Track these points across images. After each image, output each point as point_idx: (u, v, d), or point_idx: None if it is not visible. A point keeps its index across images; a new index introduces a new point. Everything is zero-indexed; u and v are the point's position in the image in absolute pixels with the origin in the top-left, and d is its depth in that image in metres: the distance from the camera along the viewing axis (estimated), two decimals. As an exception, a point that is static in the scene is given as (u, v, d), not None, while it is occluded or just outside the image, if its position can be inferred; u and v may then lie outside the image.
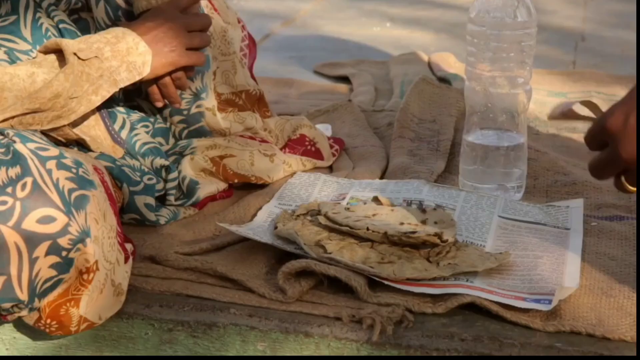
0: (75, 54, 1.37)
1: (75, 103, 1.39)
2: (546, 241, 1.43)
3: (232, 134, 1.66)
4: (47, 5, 1.48)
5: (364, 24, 2.78)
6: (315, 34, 2.67)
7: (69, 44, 1.39)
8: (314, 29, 2.71)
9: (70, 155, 1.22)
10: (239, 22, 1.76)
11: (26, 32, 1.44)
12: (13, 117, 1.35)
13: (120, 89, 1.43)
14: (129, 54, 1.42)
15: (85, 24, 1.53)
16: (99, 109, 1.49)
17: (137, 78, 1.44)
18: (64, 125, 1.42)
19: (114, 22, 1.52)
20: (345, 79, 2.29)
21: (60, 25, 1.48)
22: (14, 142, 1.19)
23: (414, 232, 1.36)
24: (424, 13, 2.88)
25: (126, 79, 1.42)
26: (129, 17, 1.53)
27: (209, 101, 1.62)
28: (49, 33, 1.46)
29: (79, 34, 1.49)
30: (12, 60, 1.43)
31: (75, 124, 1.45)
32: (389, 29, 2.73)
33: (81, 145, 1.50)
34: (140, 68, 1.43)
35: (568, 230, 1.47)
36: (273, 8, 2.85)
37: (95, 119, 1.49)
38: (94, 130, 1.48)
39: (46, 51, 1.40)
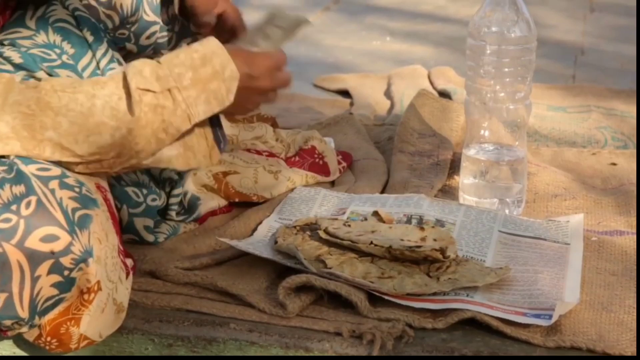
0: (144, 88, 1.22)
1: (145, 143, 1.25)
2: (546, 256, 1.43)
3: (239, 141, 1.66)
4: None
5: (364, 37, 2.79)
6: (315, 47, 2.67)
7: (139, 72, 1.23)
8: (314, 43, 2.71)
9: (73, 175, 1.22)
10: None
11: (30, 23, 1.36)
12: (77, 163, 1.23)
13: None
14: (212, 80, 1.27)
15: (95, 11, 1.44)
16: None
17: (217, 110, 1.28)
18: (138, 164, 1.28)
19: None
20: (345, 93, 2.29)
21: (76, 13, 1.39)
22: (16, 163, 1.19)
23: (418, 247, 1.36)
24: (424, 27, 2.88)
25: (202, 112, 1.27)
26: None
27: None
28: (59, 23, 1.37)
29: (92, 20, 1.40)
30: (18, 51, 1.31)
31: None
32: (389, 43, 2.74)
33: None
34: (223, 97, 1.28)
35: (568, 245, 1.47)
36: (273, 22, 2.87)
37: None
38: (190, 140, 1.31)
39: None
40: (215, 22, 1.51)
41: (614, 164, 1.82)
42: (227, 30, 1.52)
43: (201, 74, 1.26)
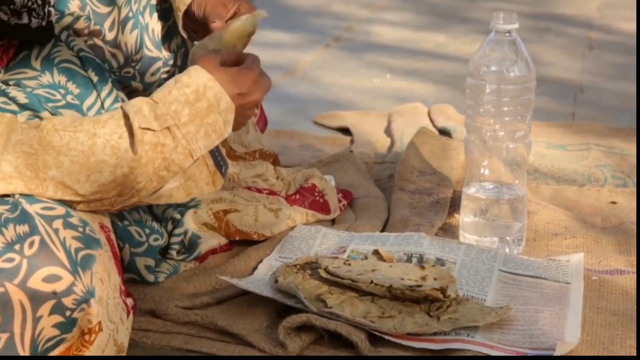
0: (145, 127, 1.23)
1: (146, 181, 1.26)
2: (547, 295, 1.43)
3: (240, 179, 1.66)
4: (66, 36, 1.43)
5: (364, 75, 2.80)
6: (315, 85, 2.69)
7: (139, 111, 1.23)
8: (314, 80, 2.72)
9: (77, 214, 1.22)
10: None
11: (36, 63, 1.39)
12: (79, 202, 1.23)
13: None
14: (209, 114, 1.27)
15: (100, 51, 1.47)
16: None
17: (217, 142, 1.29)
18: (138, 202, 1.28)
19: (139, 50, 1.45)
20: (346, 131, 2.30)
21: (81, 54, 1.42)
22: (21, 202, 1.19)
23: (419, 286, 1.36)
24: (424, 64, 2.90)
25: (203, 147, 1.27)
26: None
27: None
28: (64, 64, 1.39)
29: (97, 60, 1.42)
30: (25, 95, 1.32)
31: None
32: (389, 80, 2.75)
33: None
34: (221, 129, 1.28)
35: (569, 284, 1.47)
36: (274, 59, 2.87)
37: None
38: (190, 169, 1.30)
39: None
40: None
41: (614, 203, 1.82)
42: None
43: (197, 108, 1.26)
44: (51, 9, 1.38)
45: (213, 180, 1.32)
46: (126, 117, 1.24)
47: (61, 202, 1.23)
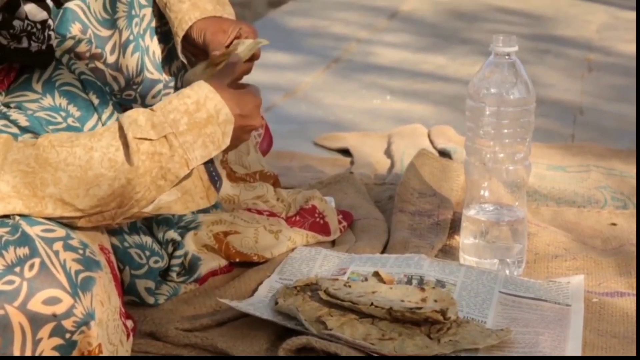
0: (141, 137, 1.22)
1: (145, 191, 1.25)
2: (547, 318, 1.43)
3: (240, 201, 1.66)
4: (67, 60, 1.44)
5: (364, 96, 2.81)
6: (316, 106, 2.69)
7: (134, 122, 1.23)
8: (315, 102, 2.73)
9: (77, 236, 1.22)
10: None
11: (37, 86, 1.40)
12: (80, 217, 1.23)
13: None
14: (208, 125, 1.26)
15: (102, 74, 1.48)
16: None
17: (214, 154, 1.28)
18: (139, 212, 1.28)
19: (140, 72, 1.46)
20: (346, 152, 2.30)
21: (82, 77, 1.43)
22: (21, 224, 1.20)
23: (419, 308, 1.35)
24: (424, 86, 2.91)
25: (200, 157, 1.26)
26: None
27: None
28: (65, 87, 1.40)
29: (98, 83, 1.43)
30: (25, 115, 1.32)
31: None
32: (389, 102, 2.76)
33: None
34: (219, 141, 1.27)
35: (569, 306, 1.46)
36: (274, 81, 2.88)
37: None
38: (186, 184, 1.29)
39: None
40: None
41: (614, 224, 1.82)
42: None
43: (196, 118, 1.25)
44: (51, 32, 1.38)
45: (207, 195, 1.31)
46: (121, 128, 1.24)
47: (61, 223, 1.23)
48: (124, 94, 1.46)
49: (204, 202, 1.31)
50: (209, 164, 1.31)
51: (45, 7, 1.38)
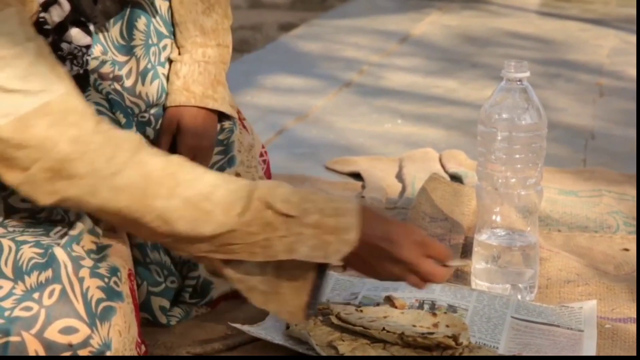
0: (267, 202, 1.18)
1: (239, 248, 1.20)
2: (560, 343, 1.42)
3: None
4: (93, 80, 1.44)
5: (375, 120, 2.81)
6: (327, 130, 2.70)
7: (271, 187, 1.19)
8: (326, 125, 2.74)
9: (109, 261, 1.21)
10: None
11: None
12: (167, 241, 1.19)
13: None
14: (331, 234, 1.20)
15: (122, 96, 1.46)
16: None
17: (316, 261, 1.21)
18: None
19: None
20: (357, 176, 2.31)
21: (110, 96, 1.43)
22: (53, 246, 1.18)
23: (431, 333, 1.35)
24: (435, 110, 2.91)
25: (304, 254, 1.20)
26: None
27: None
28: (94, 107, 1.36)
29: (123, 104, 1.42)
30: None
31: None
32: (400, 126, 2.76)
33: None
34: (328, 253, 1.20)
35: (582, 332, 1.46)
36: (286, 104, 2.89)
37: None
38: (282, 287, 1.23)
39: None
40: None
41: (627, 250, 1.82)
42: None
43: (325, 222, 1.19)
44: (88, 57, 1.41)
45: (294, 313, 1.23)
46: (256, 185, 1.20)
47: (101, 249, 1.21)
48: (139, 116, 1.48)
49: (287, 316, 1.25)
50: (318, 294, 1.24)
51: (88, 32, 1.40)
